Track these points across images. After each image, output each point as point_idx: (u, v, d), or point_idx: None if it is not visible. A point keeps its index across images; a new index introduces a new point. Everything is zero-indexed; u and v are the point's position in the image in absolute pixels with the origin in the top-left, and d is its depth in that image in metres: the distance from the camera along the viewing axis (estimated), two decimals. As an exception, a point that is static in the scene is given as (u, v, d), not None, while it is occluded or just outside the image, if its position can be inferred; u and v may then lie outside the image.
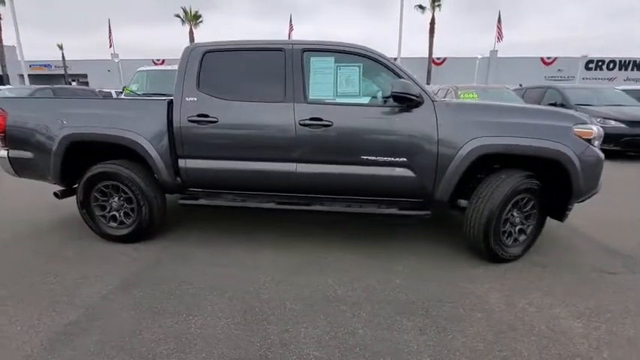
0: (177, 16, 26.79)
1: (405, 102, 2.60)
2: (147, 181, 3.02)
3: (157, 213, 3.09)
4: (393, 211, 2.85)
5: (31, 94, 10.32)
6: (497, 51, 30.24)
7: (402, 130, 2.70)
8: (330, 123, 2.71)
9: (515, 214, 2.74)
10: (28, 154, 3.14)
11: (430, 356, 1.83)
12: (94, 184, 3.04)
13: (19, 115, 3.12)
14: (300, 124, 2.74)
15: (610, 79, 29.68)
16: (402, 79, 2.60)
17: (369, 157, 2.74)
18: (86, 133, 2.95)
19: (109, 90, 15.17)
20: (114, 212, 3.14)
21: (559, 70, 31.55)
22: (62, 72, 30.08)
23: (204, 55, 2.92)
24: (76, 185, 3.21)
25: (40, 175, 3.23)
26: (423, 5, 29.08)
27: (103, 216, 3.15)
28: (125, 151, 3.00)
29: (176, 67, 9.22)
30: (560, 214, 2.77)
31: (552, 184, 2.71)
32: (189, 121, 2.86)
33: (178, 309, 2.22)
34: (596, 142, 2.68)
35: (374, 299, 2.34)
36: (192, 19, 27.01)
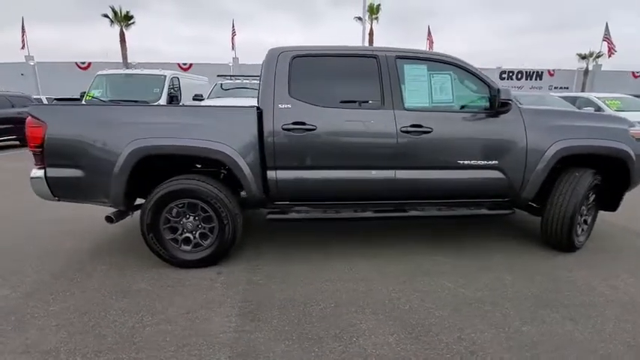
0: (106, 16, 24.09)
1: (505, 107, 2.78)
2: (230, 197, 2.74)
3: (240, 231, 2.81)
4: (483, 211, 3.01)
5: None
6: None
7: (495, 134, 2.87)
8: (430, 129, 2.77)
9: (584, 207, 3.09)
10: (76, 173, 2.62)
11: (607, 342, 1.98)
12: (166, 203, 2.66)
13: (64, 127, 2.59)
14: (402, 131, 2.75)
15: (519, 88, 34.52)
16: (504, 87, 2.77)
17: (465, 162, 2.86)
18: (164, 145, 2.57)
19: (38, 96, 13.06)
20: (187, 234, 2.77)
21: (479, 79, 35.67)
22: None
23: (292, 59, 2.76)
24: (136, 206, 2.78)
25: (89, 197, 2.72)
26: (362, 17, 30.62)
27: (175, 239, 2.76)
28: (207, 165, 2.68)
29: (138, 70, 8.47)
30: (615, 205, 3.20)
31: (610, 179, 3.12)
32: (284, 129, 2.67)
33: (334, 331, 2.06)
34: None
35: (504, 297, 2.44)
36: (123, 19, 24.58)
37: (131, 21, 24.84)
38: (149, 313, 2.24)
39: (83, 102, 7.64)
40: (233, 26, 27.51)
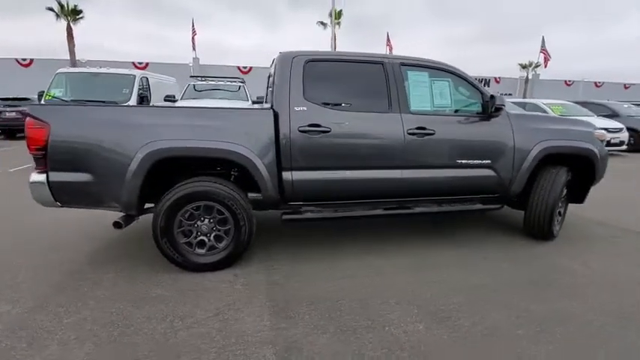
0: (51, 9, 22.11)
1: (498, 112, 3.07)
2: (245, 198, 2.75)
3: (254, 233, 2.82)
4: (478, 206, 3.30)
5: None
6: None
7: (488, 136, 3.16)
8: (433, 132, 2.99)
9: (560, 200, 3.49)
10: (83, 177, 2.48)
11: (599, 314, 2.29)
12: (181, 206, 2.61)
13: (70, 128, 2.45)
14: (408, 133, 2.94)
15: (470, 94, 37.12)
16: (500, 94, 3.06)
17: (463, 161, 3.12)
18: (182, 147, 2.52)
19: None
20: (202, 237, 2.73)
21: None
22: None
23: (306, 63, 2.84)
24: (147, 209, 2.69)
25: (97, 202, 2.59)
26: (325, 22, 31.14)
27: (189, 243, 2.71)
28: (223, 167, 2.66)
29: (104, 69, 8.05)
30: (582, 198, 3.65)
31: (579, 175, 3.55)
32: (300, 131, 2.74)
33: (366, 323, 2.17)
34: (604, 142, 3.66)
35: (506, 283, 2.70)
36: (70, 14, 22.73)
37: (79, 15, 23.05)
38: (177, 317, 2.20)
39: (42, 102, 7.04)
40: (193, 25, 26.57)
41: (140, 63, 25.74)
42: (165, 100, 8.44)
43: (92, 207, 2.65)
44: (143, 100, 7.80)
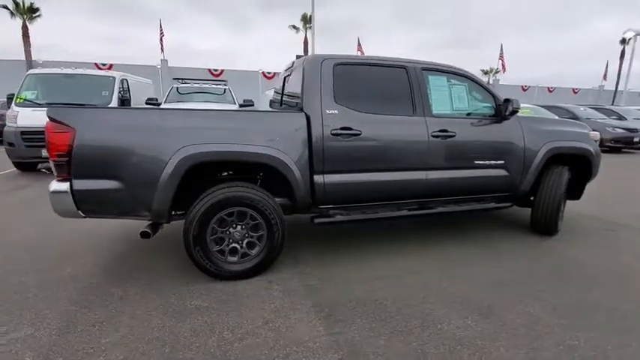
0: (5, 7, 20.41)
1: (513, 115, 3.24)
2: (277, 203, 2.70)
3: (286, 238, 2.77)
4: (492, 205, 3.45)
5: None
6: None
7: (501, 137, 3.32)
8: (454, 134, 3.10)
9: (562, 197, 3.74)
10: (110, 185, 2.33)
11: (621, 302, 2.47)
12: (214, 213, 2.51)
13: (97, 132, 2.28)
14: (432, 136, 3.02)
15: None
16: (514, 98, 3.22)
17: (479, 162, 3.26)
18: (221, 151, 2.44)
19: None
20: (234, 244, 2.64)
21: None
22: None
23: (334, 67, 2.85)
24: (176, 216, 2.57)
25: (125, 211, 2.43)
26: (297, 26, 31.24)
27: (221, 251, 2.61)
28: (252, 171, 2.60)
29: (81, 70, 7.65)
30: (579, 194, 3.93)
31: (577, 173, 3.82)
32: (333, 134, 2.74)
33: (417, 322, 2.21)
34: (597, 142, 3.96)
35: (529, 276, 2.84)
36: (26, 12, 21.11)
37: (36, 14, 21.50)
38: (225, 329, 2.11)
39: (13, 105, 6.49)
40: (161, 26, 25.63)
41: (104, 64, 24.37)
42: (147, 104, 8.08)
43: (118, 216, 2.48)
44: (124, 103, 7.42)
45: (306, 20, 30.51)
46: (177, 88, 8.49)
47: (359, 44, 34.34)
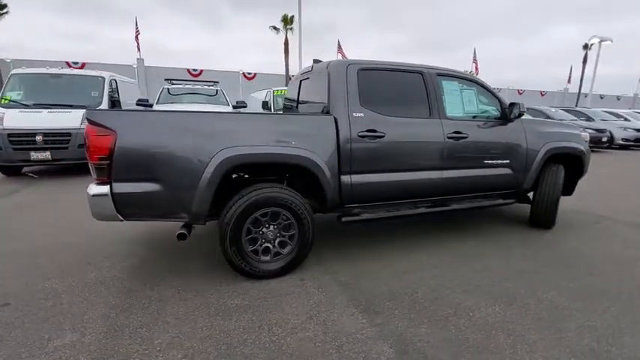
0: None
1: (518, 118, 3.48)
2: (307, 203, 2.79)
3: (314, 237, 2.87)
4: (499, 201, 3.69)
5: None
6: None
7: (507, 138, 3.56)
8: (467, 135, 3.30)
9: (557, 193, 4.03)
10: (150, 187, 2.34)
11: (623, 287, 2.74)
12: (250, 213, 2.57)
13: (138, 135, 2.29)
14: (448, 137, 3.21)
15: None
16: (519, 102, 3.45)
17: (488, 161, 3.48)
18: (262, 153, 2.50)
19: None
20: (266, 244, 2.71)
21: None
22: None
23: (359, 71, 2.97)
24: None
25: (164, 214, 2.45)
26: (277, 27, 31.16)
27: (255, 250, 2.67)
28: (288, 172, 2.67)
29: (67, 70, 7.45)
30: (571, 191, 4.25)
31: (570, 171, 4.14)
32: (359, 136, 2.86)
33: (450, 311, 2.36)
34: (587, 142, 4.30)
35: (540, 266, 3.08)
36: (-8, 7, 19.94)
37: (4, 10, 20.33)
38: (272, 325, 2.19)
39: (-2, 106, 6.17)
40: (136, 24, 24.91)
41: (75, 63, 23.45)
42: (137, 105, 7.90)
43: (157, 219, 2.48)
44: (114, 104, 7.22)
45: (287, 21, 30.54)
46: (169, 89, 8.34)
47: (339, 46, 34.70)
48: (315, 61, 3.53)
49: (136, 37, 24.79)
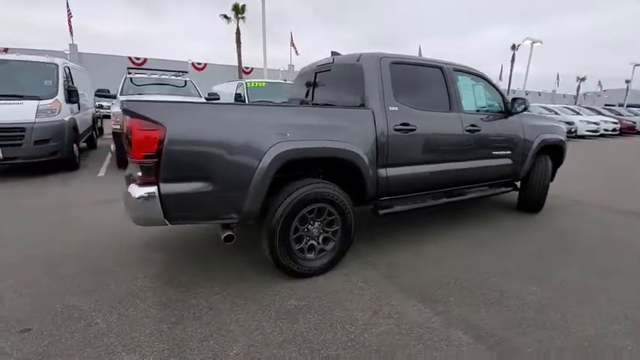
0: None
1: (523, 112, 3.76)
2: (348, 198, 2.75)
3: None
4: (502, 189, 3.97)
5: None
6: (294, 65, 35.23)
7: (509, 131, 3.84)
8: (480, 128, 3.50)
9: (543, 180, 4.45)
10: (200, 187, 2.13)
11: (619, 259, 3.13)
12: (298, 210, 2.47)
13: (188, 130, 2.07)
14: (466, 130, 3.37)
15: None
16: (524, 97, 3.72)
17: (495, 152, 3.73)
18: (310, 148, 2.39)
19: None
20: (311, 241, 2.63)
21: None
22: None
23: (391, 65, 2.98)
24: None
25: (210, 215, 2.24)
26: (228, 16, 29.75)
27: (301, 249, 2.58)
28: (332, 167, 2.61)
29: (14, 56, 6.63)
30: (552, 178, 4.72)
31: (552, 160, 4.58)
32: (395, 129, 2.89)
33: (496, 294, 2.52)
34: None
35: (547, 249, 3.39)
36: None
37: None
38: (343, 322, 2.15)
39: None
40: (68, 6, 22.17)
41: (-8, 47, 20.25)
42: (96, 95, 7.11)
43: (204, 221, 2.27)
44: (71, 94, 6.41)
45: (238, 10, 29.35)
46: (131, 78, 7.58)
47: (292, 40, 34.32)
48: (334, 54, 3.46)
49: (69, 20, 22.10)
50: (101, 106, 12.29)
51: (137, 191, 2.01)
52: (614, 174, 7.51)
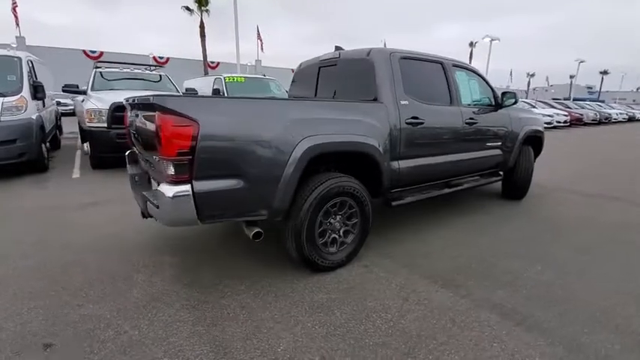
0: None
1: (513, 106, 3.99)
2: (366, 191, 2.81)
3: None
4: (494, 179, 4.22)
5: None
6: (261, 60, 34.57)
7: (499, 123, 4.07)
8: (477, 121, 3.68)
9: (526, 169, 4.77)
10: (231, 184, 2.08)
11: (613, 244, 3.44)
12: (323, 205, 2.49)
13: (221, 125, 2.00)
14: (465, 123, 3.54)
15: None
16: (514, 91, 3.94)
17: (488, 144, 3.95)
18: (337, 142, 2.41)
19: None
20: (333, 235, 2.66)
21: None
22: None
23: (400, 60, 3.05)
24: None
25: (240, 212, 2.20)
26: (191, 7, 28.51)
27: (324, 243, 2.60)
28: (351, 161, 2.64)
29: (3, 51, 6.19)
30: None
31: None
32: (407, 123, 2.97)
33: (511, 277, 2.69)
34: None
35: (537, 233, 3.66)
36: None
37: None
38: (379, 311, 2.21)
39: None
40: (11, -5, 20.18)
41: None
42: (64, 91, 6.61)
43: (234, 219, 2.20)
44: (37, 90, 5.91)
45: (202, 2, 28.23)
46: (102, 73, 7.11)
47: (258, 34, 33.63)
48: (338, 48, 3.48)
49: (14, 9, 20.13)
50: (59, 103, 11.43)
51: (170, 190, 1.92)
52: (575, 161, 8.20)
